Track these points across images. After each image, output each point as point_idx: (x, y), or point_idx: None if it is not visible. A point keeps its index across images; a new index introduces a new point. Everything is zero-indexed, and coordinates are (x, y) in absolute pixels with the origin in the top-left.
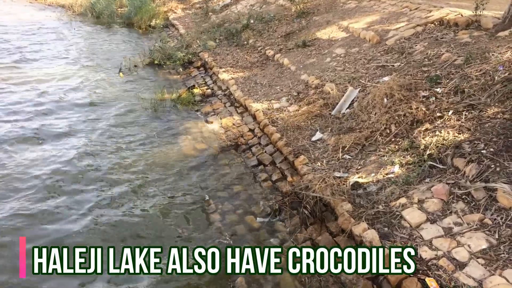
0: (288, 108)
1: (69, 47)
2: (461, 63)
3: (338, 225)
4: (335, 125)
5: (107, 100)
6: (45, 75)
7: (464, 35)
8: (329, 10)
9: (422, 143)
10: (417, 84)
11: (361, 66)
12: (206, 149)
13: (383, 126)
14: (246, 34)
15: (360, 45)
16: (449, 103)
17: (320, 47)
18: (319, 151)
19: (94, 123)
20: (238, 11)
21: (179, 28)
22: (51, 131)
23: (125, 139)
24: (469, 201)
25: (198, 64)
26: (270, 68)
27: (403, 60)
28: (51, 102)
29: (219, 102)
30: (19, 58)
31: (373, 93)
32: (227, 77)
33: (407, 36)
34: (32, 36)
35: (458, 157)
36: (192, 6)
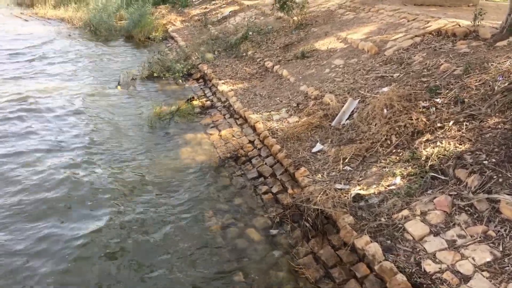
0: (287, 119)
1: (67, 60)
2: (460, 73)
3: (340, 238)
4: (335, 136)
5: (105, 113)
6: (42, 88)
7: (463, 45)
8: (327, 22)
9: (423, 154)
10: (416, 95)
11: (360, 77)
12: (206, 161)
13: (383, 137)
14: (245, 45)
15: (359, 56)
16: (450, 114)
17: (319, 58)
18: (319, 163)
19: (91, 136)
20: (236, 23)
21: (178, 41)
22: (44, 144)
23: (124, 152)
24: (472, 213)
25: (197, 76)
26: (269, 80)
27: (402, 70)
28: (46, 115)
29: (219, 113)
30: (17, 71)
31: (373, 104)
32: (227, 88)
33: (406, 47)
34: (30, 49)
35: (460, 168)
36: (191, 19)
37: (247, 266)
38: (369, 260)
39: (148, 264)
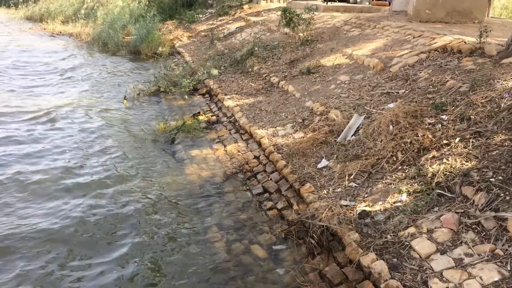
0: (293, 135)
1: (75, 74)
2: (466, 90)
3: (346, 256)
4: (340, 152)
5: (110, 127)
6: (49, 102)
7: (468, 62)
8: (333, 38)
9: (429, 171)
10: (422, 111)
11: (366, 93)
12: (211, 176)
13: (389, 153)
14: (250, 61)
15: (364, 72)
16: (456, 130)
17: (324, 74)
18: (325, 179)
19: (96, 151)
20: (242, 39)
21: (185, 56)
22: (48, 158)
23: (129, 167)
24: (479, 231)
25: (203, 91)
26: (275, 95)
27: (407, 87)
28: (52, 128)
29: (224, 129)
30: (23, 85)
31: (379, 120)
32: (232, 104)
33: (411, 63)
34: (37, 64)
35: (466, 186)
36: (198, 34)
37: (251, 283)
38: (375, 278)
39: (150, 279)
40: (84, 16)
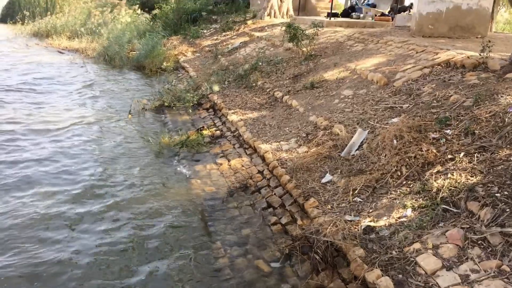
0: (297, 150)
1: (80, 89)
2: (470, 105)
3: (351, 272)
4: (344, 167)
5: (114, 141)
6: (54, 116)
7: (472, 77)
8: (336, 53)
9: (434, 186)
10: (426, 126)
11: (370, 108)
12: (215, 191)
13: (393, 168)
14: (254, 76)
15: (368, 86)
16: (460, 145)
17: (328, 89)
18: (329, 194)
19: (100, 165)
20: (246, 54)
21: (189, 71)
22: (51, 171)
23: (132, 181)
24: (486, 247)
25: (207, 106)
26: (278, 110)
27: (411, 101)
28: (56, 141)
29: (228, 143)
30: (29, 99)
31: (383, 135)
32: (236, 118)
33: (415, 78)
34: (44, 79)
35: (471, 201)
36: (202, 49)
37: None
38: None
39: None
40: (90, 31)
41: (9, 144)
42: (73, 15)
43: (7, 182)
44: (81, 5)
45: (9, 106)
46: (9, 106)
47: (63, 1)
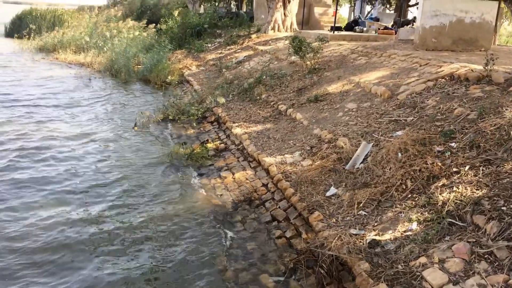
0: (301, 163)
1: (87, 101)
2: (475, 118)
3: (356, 286)
4: (349, 180)
5: (120, 154)
6: (60, 128)
7: (476, 90)
8: (340, 66)
9: (439, 199)
10: (431, 139)
11: (374, 121)
12: (219, 205)
13: (398, 181)
14: (258, 89)
15: (372, 99)
16: (465, 158)
17: (332, 102)
18: (334, 207)
19: (105, 178)
20: (251, 67)
21: (194, 84)
22: (60, 182)
23: (137, 194)
24: (492, 261)
25: (211, 119)
26: (283, 123)
27: (415, 114)
28: (63, 153)
29: (233, 156)
30: (37, 111)
31: (387, 148)
32: (240, 131)
33: (419, 91)
34: (51, 92)
35: (477, 214)
36: (207, 63)
37: None
38: None
39: None
40: (96, 46)
41: (18, 160)
42: (79, 30)
43: (20, 201)
44: (87, 20)
45: (16, 121)
46: (16, 121)
47: (69, 16)
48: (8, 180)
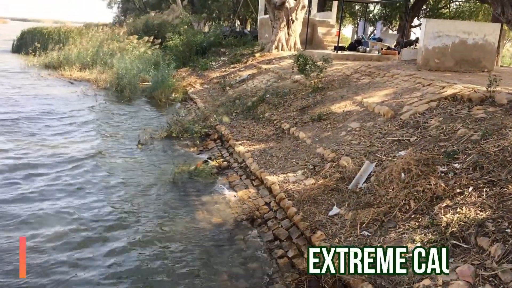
0: (304, 182)
1: (90, 118)
2: (478, 139)
3: None
4: (352, 200)
5: (123, 171)
6: (65, 145)
7: (479, 111)
8: (343, 86)
9: (443, 220)
10: (434, 159)
11: (377, 140)
12: (221, 223)
13: (401, 201)
14: (262, 107)
15: (375, 119)
16: (469, 179)
17: (335, 121)
18: (336, 227)
19: (108, 194)
20: (254, 85)
21: (197, 102)
22: (64, 203)
23: (139, 211)
24: (497, 284)
25: (215, 137)
26: (285, 141)
27: (418, 134)
28: (67, 170)
29: (235, 174)
30: (41, 128)
31: (390, 168)
32: (243, 149)
33: (422, 111)
34: (55, 108)
35: (482, 236)
36: (210, 81)
37: None
38: None
39: None
40: (101, 63)
41: (21, 178)
42: (85, 47)
43: (20, 219)
44: (93, 37)
45: (16, 136)
46: (16, 136)
47: (75, 34)
48: (3, 196)
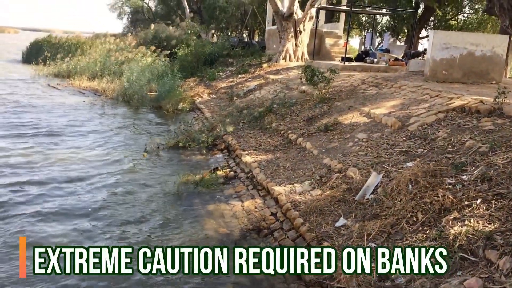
0: (311, 192)
1: (97, 127)
2: (486, 151)
3: None
4: (359, 211)
5: (129, 180)
6: (71, 154)
7: (487, 123)
8: (350, 96)
9: (451, 233)
10: (442, 171)
11: (384, 151)
12: (228, 233)
13: (409, 213)
14: (269, 118)
15: (382, 130)
16: (477, 191)
17: (342, 132)
18: (343, 238)
19: (115, 203)
20: (261, 96)
21: (205, 112)
22: (70, 208)
23: (142, 221)
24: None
25: (222, 147)
26: (292, 152)
27: (426, 146)
28: (72, 179)
29: (242, 184)
30: (47, 138)
31: (397, 179)
32: (250, 159)
33: (429, 122)
34: (63, 117)
35: (490, 249)
36: (218, 91)
37: None
38: None
39: None
40: (110, 72)
41: (27, 188)
42: (94, 57)
43: (24, 221)
44: (102, 47)
45: (26, 146)
46: (26, 146)
47: (84, 44)
48: (15, 205)
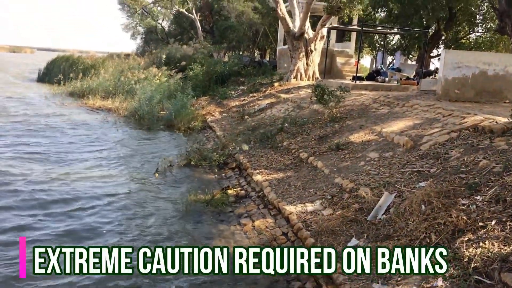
0: (322, 212)
1: (110, 146)
2: (500, 171)
3: None
4: (371, 232)
5: (141, 199)
6: (82, 172)
7: (501, 142)
8: (362, 115)
9: (465, 255)
10: (455, 191)
11: (396, 171)
12: None
13: (422, 234)
14: (280, 136)
15: (394, 149)
16: (491, 212)
17: (353, 151)
18: None
19: (126, 222)
20: (273, 114)
21: (216, 130)
22: (82, 228)
23: (152, 240)
24: None
25: (233, 165)
26: (304, 171)
27: (439, 166)
28: (83, 198)
29: (253, 203)
30: (60, 155)
31: (410, 199)
32: (261, 178)
33: (442, 142)
34: (76, 136)
35: (506, 272)
36: (229, 110)
37: None
38: None
39: None
40: (123, 92)
41: (39, 205)
42: (107, 77)
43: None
44: (115, 68)
45: (39, 164)
46: (39, 164)
47: (98, 64)
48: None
